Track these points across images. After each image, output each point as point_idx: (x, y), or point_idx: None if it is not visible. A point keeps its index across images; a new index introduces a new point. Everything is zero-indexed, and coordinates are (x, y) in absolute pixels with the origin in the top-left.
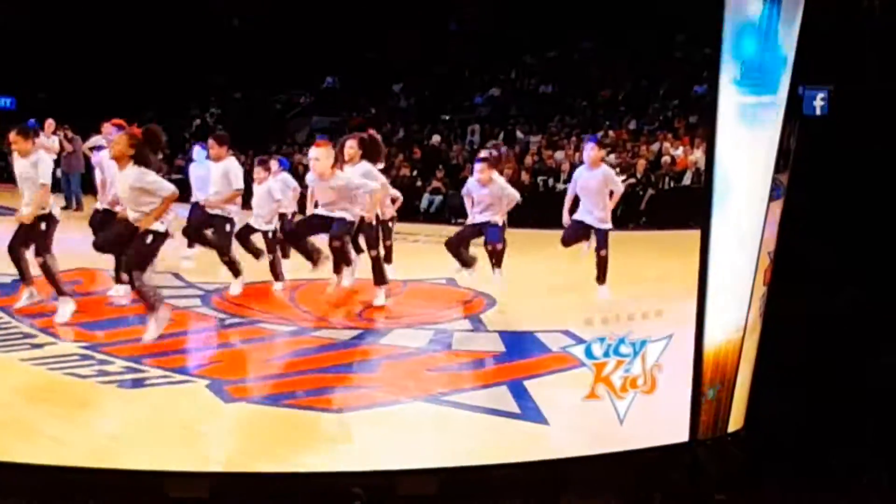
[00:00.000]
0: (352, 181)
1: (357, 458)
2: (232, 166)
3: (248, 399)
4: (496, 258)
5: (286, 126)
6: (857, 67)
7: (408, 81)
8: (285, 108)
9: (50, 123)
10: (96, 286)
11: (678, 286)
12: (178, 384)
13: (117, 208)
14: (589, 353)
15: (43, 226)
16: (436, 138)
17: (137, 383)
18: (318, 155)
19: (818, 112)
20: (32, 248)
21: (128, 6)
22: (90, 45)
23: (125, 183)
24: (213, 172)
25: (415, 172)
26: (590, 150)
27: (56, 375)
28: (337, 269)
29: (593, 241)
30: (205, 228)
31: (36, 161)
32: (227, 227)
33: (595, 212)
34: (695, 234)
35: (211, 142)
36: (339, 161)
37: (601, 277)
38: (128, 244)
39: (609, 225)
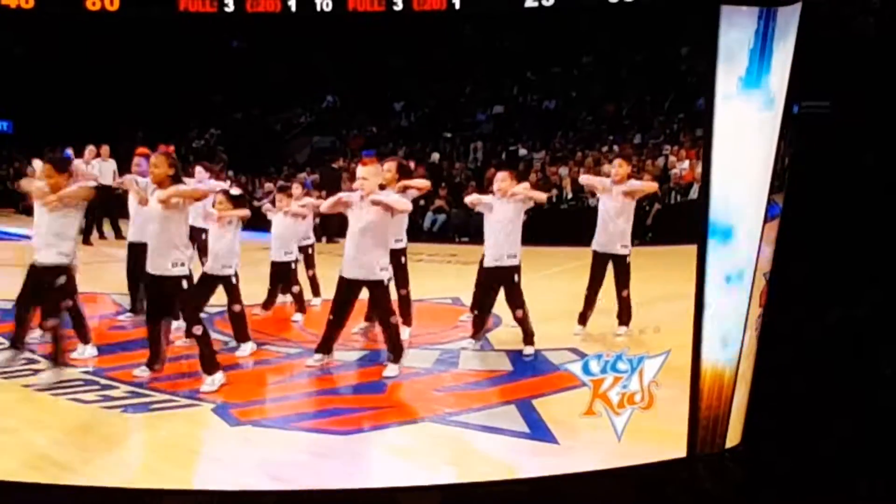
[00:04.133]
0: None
1: (364, 480)
2: None
3: (254, 422)
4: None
5: (286, 146)
6: (852, 85)
7: (409, 99)
8: (285, 128)
9: (91, 150)
10: (98, 310)
11: (682, 301)
12: (184, 408)
13: None
14: (586, 370)
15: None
16: (435, 156)
17: (142, 408)
18: (366, 174)
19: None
20: None
21: (126, 27)
22: (88, 66)
23: None
24: None
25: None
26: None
27: (59, 401)
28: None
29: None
30: None
31: None
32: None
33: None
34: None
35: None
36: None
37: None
38: None
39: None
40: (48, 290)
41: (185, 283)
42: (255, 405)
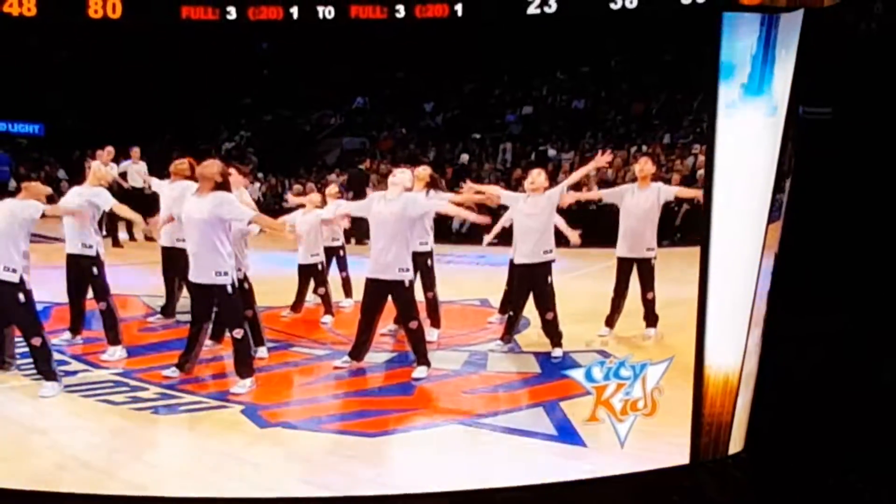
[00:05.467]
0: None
1: (392, 481)
2: None
3: (283, 423)
4: None
5: (316, 147)
6: (854, 91)
7: (438, 100)
8: (315, 129)
9: (110, 151)
10: (128, 312)
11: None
12: (213, 409)
13: None
14: (589, 377)
15: (95, 270)
16: (464, 157)
17: (171, 409)
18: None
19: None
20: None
21: (157, 30)
22: (119, 70)
23: None
24: None
25: None
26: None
27: (89, 402)
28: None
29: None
30: None
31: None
32: None
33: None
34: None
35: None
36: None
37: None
38: None
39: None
40: None
41: (229, 290)
42: (284, 407)
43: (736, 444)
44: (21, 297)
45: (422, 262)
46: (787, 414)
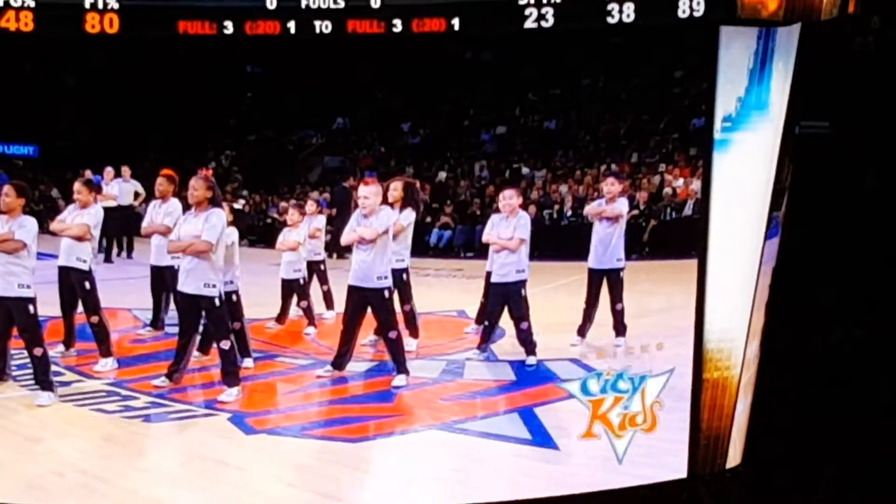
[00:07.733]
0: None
1: (376, 489)
2: None
3: (268, 430)
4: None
5: (299, 166)
6: (851, 105)
7: (416, 121)
8: (297, 148)
9: (109, 171)
10: (119, 325)
11: (678, 312)
12: (202, 417)
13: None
14: (585, 390)
15: (87, 285)
16: (441, 174)
17: (161, 417)
18: (368, 193)
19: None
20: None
21: (144, 53)
22: (107, 91)
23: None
24: None
25: (423, 208)
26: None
27: (83, 411)
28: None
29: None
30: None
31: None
32: None
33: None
34: (695, 264)
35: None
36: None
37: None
38: None
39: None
40: None
41: (217, 302)
42: (270, 414)
43: (734, 458)
44: (31, 308)
45: (397, 278)
46: (785, 428)
